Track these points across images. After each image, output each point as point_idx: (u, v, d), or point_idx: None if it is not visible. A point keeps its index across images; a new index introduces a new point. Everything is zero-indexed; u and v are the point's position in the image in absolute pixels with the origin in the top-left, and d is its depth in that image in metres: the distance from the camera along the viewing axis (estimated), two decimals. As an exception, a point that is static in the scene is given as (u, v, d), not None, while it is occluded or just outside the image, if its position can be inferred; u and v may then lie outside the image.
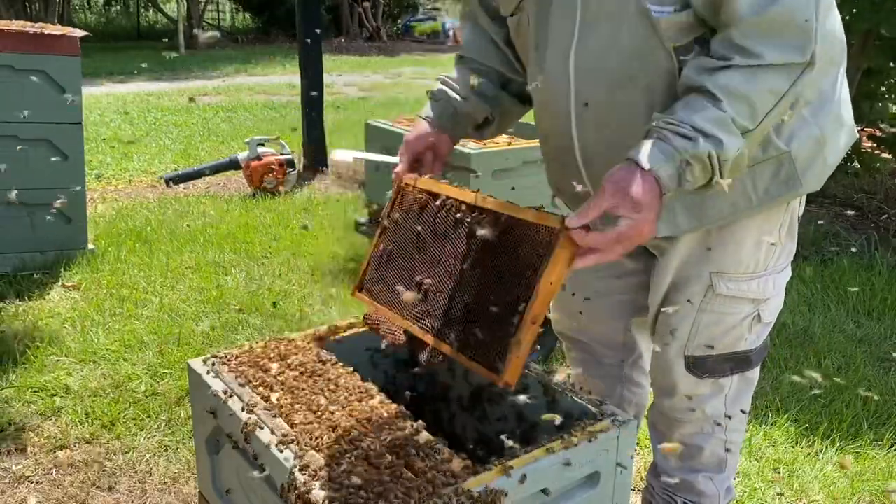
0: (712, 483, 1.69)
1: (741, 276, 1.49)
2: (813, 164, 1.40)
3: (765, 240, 1.48)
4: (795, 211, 1.51)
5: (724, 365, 1.56)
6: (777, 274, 1.53)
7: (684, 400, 1.62)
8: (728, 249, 1.48)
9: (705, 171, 1.18)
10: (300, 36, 5.59)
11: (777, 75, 1.18)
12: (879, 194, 5.05)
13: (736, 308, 1.51)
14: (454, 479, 1.19)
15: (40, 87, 3.32)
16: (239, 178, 5.28)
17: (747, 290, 1.50)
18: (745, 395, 1.64)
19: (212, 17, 20.55)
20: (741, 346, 1.56)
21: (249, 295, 3.26)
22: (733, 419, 1.64)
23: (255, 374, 1.51)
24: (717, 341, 1.54)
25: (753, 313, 1.53)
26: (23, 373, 2.56)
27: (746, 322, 1.53)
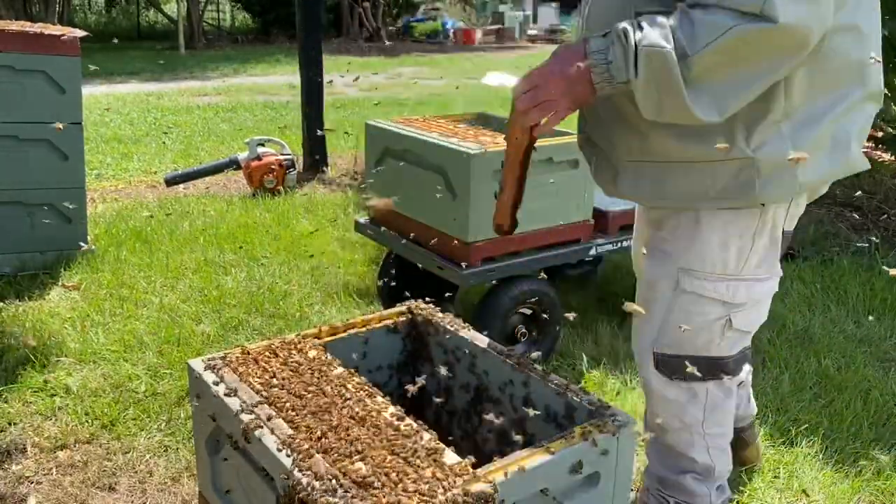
0: (703, 484, 1.71)
1: (708, 276, 1.52)
2: (778, 178, 1.41)
3: (732, 241, 1.50)
4: (776, 221, 1.52)
5: (692, 368, 1.56)
6: (752, 281, 1.53)
7: (661, 403, 1.65)
8: (693, 246, 1.51)
9: (625, 55, 1.27)
10: (300, 36, 5.59)
11: (726, 15, 1.23)
12: (879, 194, 5.04)
13: (704, 308, 1.53)
14: (454, 480, 1.19)
15: (40, 87, 3.32)
16: (239, 178, 5.28)
17: (714, 291, 1.52)
18: (724, 404, 1.64)
19: (212, 17, 20.54)
20: (712, 350, 1.56)
21: (249, 295, 3.26)
22: (713, 425, 1.64)
23: (256, 374, 1.51)
24: (686, 341, 1.56)
25: (724, 317, 1.53)
26: (23, 373, 2.56)
27: (717, 326, 1.54)
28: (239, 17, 21.81)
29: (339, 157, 6.03)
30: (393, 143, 2.75)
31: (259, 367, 1.53)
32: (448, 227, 2.54)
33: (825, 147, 1.42)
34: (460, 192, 2.46)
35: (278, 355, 1.58)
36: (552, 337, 2.77)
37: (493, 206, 1.70)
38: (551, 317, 2.73)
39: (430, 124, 2.85)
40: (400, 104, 9.12)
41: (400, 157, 2.73)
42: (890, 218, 4.65)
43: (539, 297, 2.67)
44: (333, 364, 1.54)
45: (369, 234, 2.99)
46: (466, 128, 2.85)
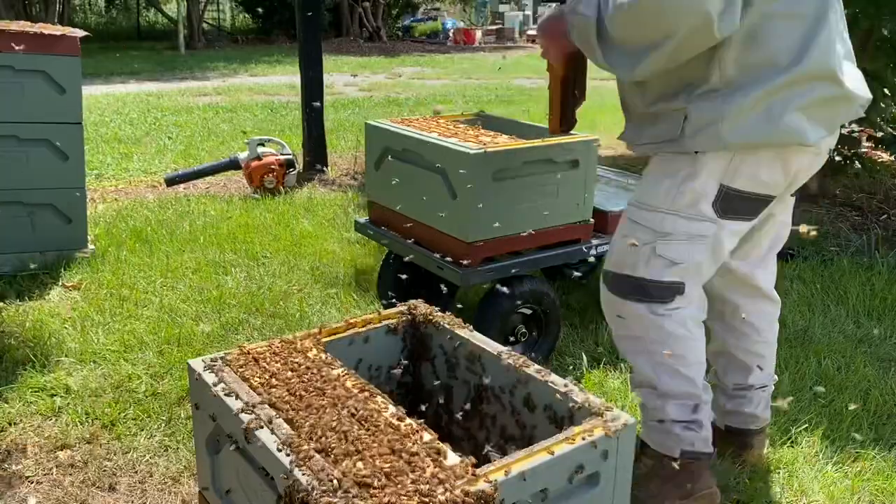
0: (654, 398, 1.90)
1: (644, 206, 1.85)
2: (705, 131, 1.72)
3: (665, 180, 1.81)
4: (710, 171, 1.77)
5: (624, 285, 1.86)
6: (679, 217, 1.80)
7: (608, 314, 1.95)
8: (642, 183, 1.91)
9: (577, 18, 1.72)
10: (300, 36, 5.59)
11: None
12: (879, 194, 5.05)
13: (636, 234, 1.84)
14: (454, 480, 1.19)
15: (40, 87, 3.32)
16: (239, 178, 5.28)
17: (644, 219, 1.84)
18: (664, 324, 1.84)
19: (212, 17, 20.54)
20: (638, 271, 1.84)
21: (249, 295, 3.26)
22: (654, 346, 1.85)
23: (256, 374, 1.51)
24: (618, 259, 1.88)
25: (651, 243, 1.82)
26: (23, 373, 2.57)
27: (645, 250, 1.82)
28: (239, 17, 21.82)
29: (339, 157, 6.03)
30: (393, 143, 2.75)
31: (259, 367, 1.53)
32: (448, 227, 2.54)
33: (755, 114, 1.69)
34: (460, 192, 2.46)
35: (278, 355, 1.58)
36: (552, 337, 2.77)
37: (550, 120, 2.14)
38: (551, 317, 2.73)
39: (429, 124, 2.85)
40: (400, 104, 9.12)
41: (400, 157, 2.73)
42: (890, 218, 4.65)
43: (539, 297, 2.67)
44: (333, 364, 1.54)
45: (369, 234, 2.99)
46: (466, 128, 2.85)
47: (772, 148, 1.75)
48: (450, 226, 2.54)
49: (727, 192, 1.78)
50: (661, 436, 1.91)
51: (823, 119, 1.74)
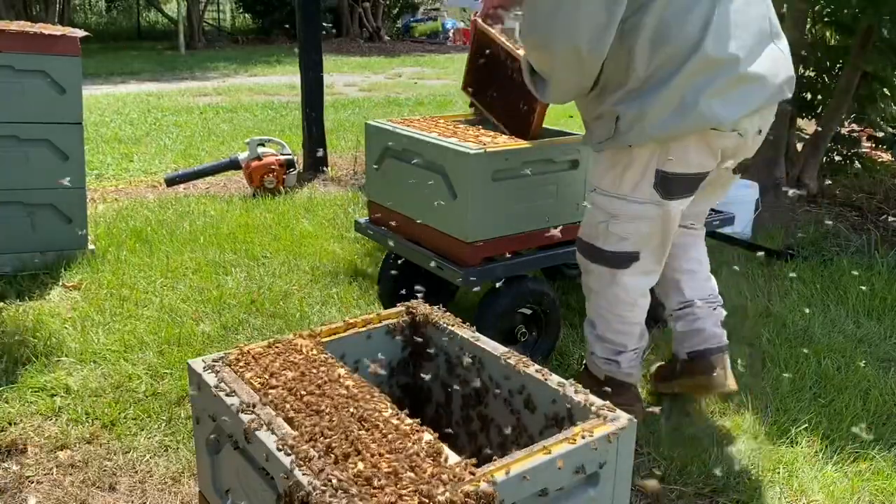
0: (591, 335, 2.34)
1: (598, 191, 2.18)
2: (634, 127, 2.00)
3: (609, 171, 2.13)
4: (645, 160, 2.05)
5: (585, 249, 2.27)
6: (624, 200, 2.12)
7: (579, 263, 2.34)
8: (594, 168, 2.26)
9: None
10: (300, 36, 5.59)
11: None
12: (879, 194, 5.05)
13: (594, 213, 2.20)
14: (454, 480, 1.19)
15: (40, 87, 3.32)
16: (239, 178, 5.28)
17: (598, 202, 2.18)
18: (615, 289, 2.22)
19: (212, 17, 20.53)
20: (598, 242, 2.21)
21: (249, 295, 3.26)
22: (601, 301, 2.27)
23: (256, 374, 1.51)
24: (586, 231, 2.26)
25: (605, 221, 2.16)
26: (23, 373, 2.57)
27: (601, 227, 2.18)
28: (239, 17, 21.81)
29: (339, 157, 6.03)
30: (393, 143, 2.75)
31: (259, 367, 1.53)
32: (448, 227, 2.54)
33: (672, 107, 1.93)
34: (460, 192, 2.46)
35: (278, 355, 1.58)
36: (552, 337, 2.77)
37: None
38: (551, 317, 2.73)
39: (429, 124, 2.85)
40: (400, 104, 9.12)
41: (400, 157, 2.73)
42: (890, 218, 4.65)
43: (539, 297, 2.67)
44: (333, 364, 1.54)
45: (369, 234, 2.99)
46: (466, 128, 2.85)
47: (695, 133, 1.98)
48: (450, 226, 2.54)
49: (664, 176, 2.05)
50: (590, 360, 2.38)
51: (736, 102, 1.94)
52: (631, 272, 2.19)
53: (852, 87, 4.77)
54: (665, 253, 2.24)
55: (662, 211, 2.10)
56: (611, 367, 2.31)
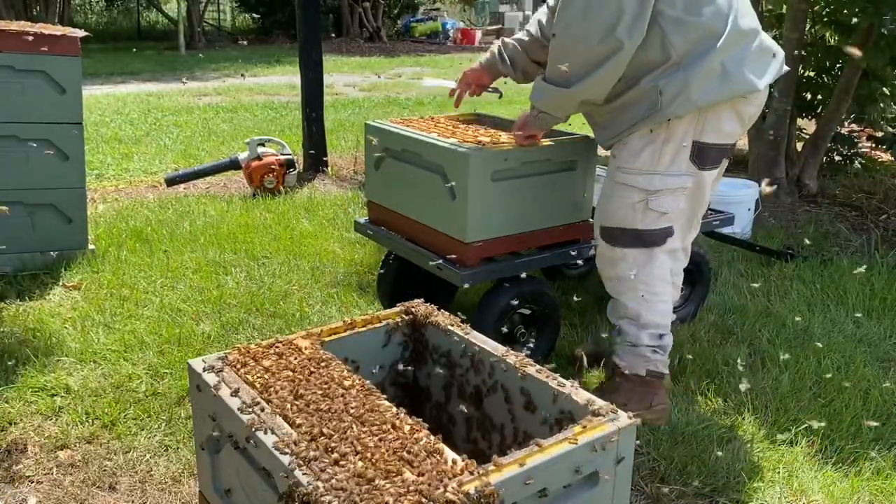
0: (633, 326, 2.36)
1: (631, 170, 2.22)
2: (677, 99, 2.11)
3: (647, 147, 2.19)
4: (682, 133, 2.16)
5: (623, 238, 2.28)
6: (665, 175, 2.20)
7: (601, 259, 2.38)
8: (625, 151, 2.24)
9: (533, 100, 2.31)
10: (300, 36, 5.59)
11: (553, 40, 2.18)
12: (879, 194, 5.05)
13: (628, 193, 2.23)
14: (454, 479, 1.19)
15: (40, 87, 3.32)
16: (239, 178, 5.28)
17: (635, 181, 2.22)
18: (652, 271, 2.29)
19: (212, 17, 20.53)
20: (636, 224, 2.25)
21: (249, 295, 3.26)
22: (643, 284, 2.29)
23: (256, 373, 1.51)
24: (617, 217, 2.28)
25: (643, 200, 2.22)
26: (23, 373, 2.57)
27: (639, 207, 2.23)
28: (239, 17, 21.81)
29: (339, 157, 6.03)
30: (392, 143, 2.75)
31: (259, 367, 1.53)
32: (447, 227, 2.54)
33: (715, 75, 2.10)
34: (459, 192, 2.46)
35: (278, 355, 1.58)
36: (552, 337, 2.77)
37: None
38: (551, 317, 2.73)
39: (429, 124, 2.85)
40: (400, 104, 9.12)
41: (399, 157, 2.73)
42: (889, 218, 4.65)
43: (538, 297, 2.67)
44: (333, 364, 1.54)
45: (369, 234, 2.99)
46: (465, 128, 2.85)
47: (728, 102, 2.15)
48: (449, 226, 2.54)
49: (700, 147, 2.19)
50: (633, 358, 2.37)
51: (762, 70, 2.16)
52: (665, 248, 2.29)
53: (852, 87, 4.77)
54: (690, 231, 2.40)
55: (698, 181, 2.24)
56: (656, 355, 2.36)
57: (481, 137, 2.63)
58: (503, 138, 2.65)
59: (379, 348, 1.80)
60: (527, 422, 1.60)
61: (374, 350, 1.78)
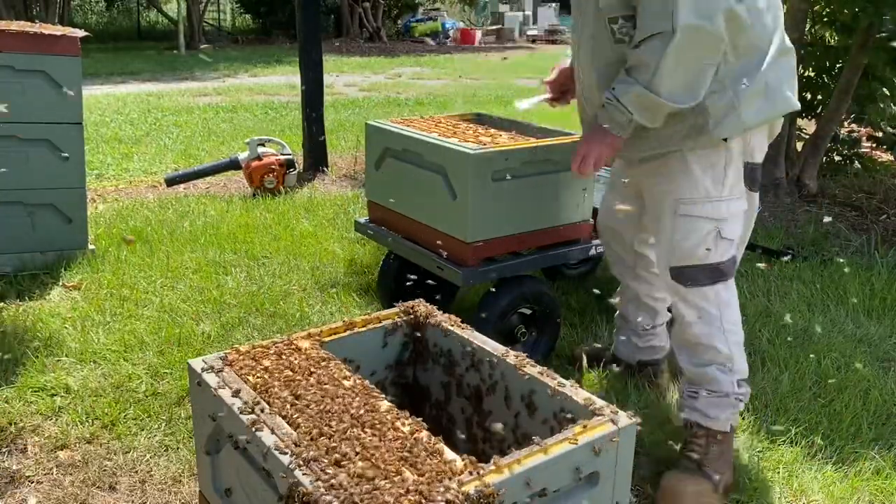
0: (722, 373, 2.10)
1: (696, 200, 2.02)
2: (725, 119, 1.95)
3: (708, 172, 2.01)
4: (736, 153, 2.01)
5: (701, 275, 2.05)
6: (729, 201, 2.03)
7: (682, 306, 2.11)
8: (683, 180, 2.03)
9: (617, 110, 1.94)
10: (300, 36, 5.59)
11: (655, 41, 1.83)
12: (879, 194, 5.05)
13: (697, 225, 2.02)
14: (454, 479, 1.19)
15: (40, 87, 3.32)
16: (239, 178, 5.28)
17: (702, 211, 2.01)
18: (730, 300, 2.10)
19: (212, 17, 20.53)
20: (712, 258, 2.03)
21: (249, 295, 3.26)
22: (729, 322, 2.09)
23: (256, 374, 1.51)
24: (690, 254, 2.04)
25: (714, 230, 2.02)
26: (23, 373, 2.57)
27: (711, 237, 2.02)
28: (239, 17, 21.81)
29: (339, 156, 6.03)
30: (393, 143, 2.75)
31: (259, 367, 1.53)
32: (448, 227, 2.55)
33: (760, 94, 1.96)
34: (460, 192, 2.47)
35: (278, 355, 1.58)
36: (552, 337, 2.77)
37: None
38: (551, 317, 2.73)
39: (429, 124, 2.85)
40: (400, 104, 9.12)
41: (400, 157, 2.73)
42: (889, 218, 4.65)
43: (539, 297, 2.67)
44: (333, 364, 1.54)
45: (369, 234, 2.99)
46: (466, 127, 2.85)
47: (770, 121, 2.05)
48: (450, 226, 2.54)
49: (751, 168, 2.07)
50: (720, 411, 2.10)
51: (793, 86, 2.06)
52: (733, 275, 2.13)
53: (852, 87, 4.77)
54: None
55: (750, 202, 2.12)
56: (740, 405, 2.14)
57: (482, 137, 2.64)
58: (503, 138, 2.66)
59: (379, 348, 1.80)
60: (527, 422, 1.60)
61: (374, 350, 1.78)
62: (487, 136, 2.67)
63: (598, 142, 2.02)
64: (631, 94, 1.88)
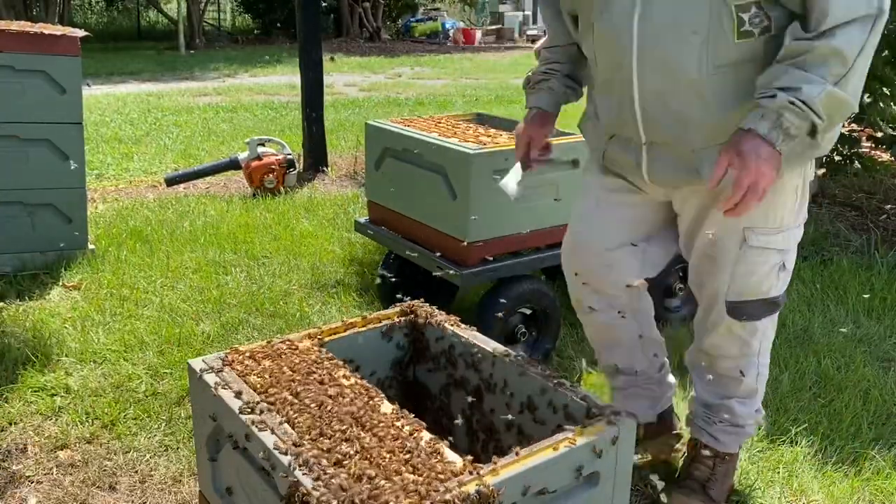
0: (744, 406, 1.97)
1: (769, 230, 1.74)
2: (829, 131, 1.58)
3: (789, 197, 1.73)
4: (807, 175, 1.75)
5: (759, 310, 1.81)
6: (797, 229, 1.78)
7: (726, 338, 1.88)
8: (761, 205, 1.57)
9: (799, 116, 1.44)
10: (300, 36, 5.59)
11: (853, 28, 1.44)
12: (879, 194, 5.05)
13: (767, 258, 1.75)
14: (454, 479, 1.19)
15: (40, 87, 3.32)
16: (239, 178, 5.28)
17: (773, 242, 1.74)
18: (771, 332, 1.92)
19: (212, 17, 20.53)
20: (772, 292, 1.80)
21: (250, 295, 3.26)
22: (765, 357, 1.94)
23: (255, 373, 1.51)
24: (753, 289, 1.78)
25: (780, 262, 1.77)
26: (23, 373, 2.57)
27: (775, 271, 1.77)
28: (239, 17, 21.82)
29: (339, 156, 6.03)
30: (393, 143, 2.75)
31: (259, 367, 1.53)
32: (447, 227, 2.55)
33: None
34: (460, 192, 2.47)
35: (278, 355, 1.58)
36: (552, 337, 2.77)
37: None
38: (551, 317, 2.73)
39: (429, 124, 2.85)
40: (400, 104, 9.12)
41: (400, 156, 2.73)
42: (889, 218, 4.65)
43: (539, 297, 2.67)
44: (333, 364, 1.54)
45: (369, 234, 2.99)
46: (466, 127, 2.85)
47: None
48: (449, 226, 2.54)
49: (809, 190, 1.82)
50: (733, 437, 1.99)
51: None
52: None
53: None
54: None
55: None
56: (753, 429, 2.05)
57: (482, 137, 2.64)
58: (503, 138, 2.66)
59: (379, 348, 1.80)
60: (526, 421, 1.60)
61: (374, 350, 1.78)
62: (487, 136, 2.67)
63: (762, 160, 1.47)
64: (823, 95, 1.44)
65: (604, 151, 1.87)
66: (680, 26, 1.55)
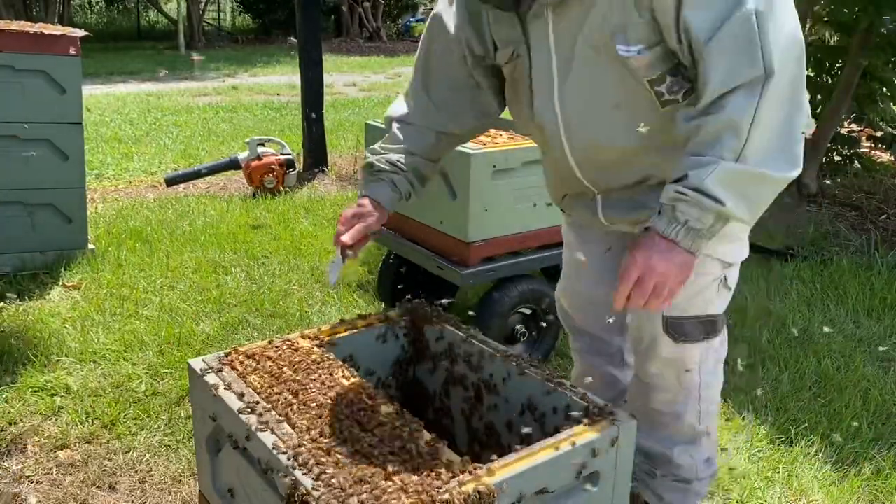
0: (688, 455, 1.76)
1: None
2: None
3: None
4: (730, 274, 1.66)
5: (697, 329, 1.65)
6: (741, 244, 1.65)
7: (664, 366, 1.70)
8: None
9: (693, 205, 1.33)
10: (300, 36, 5.59)
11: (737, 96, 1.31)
12: (879, 194, 5.05)
13: (707, 269, 1.59)
14: (454, 479, 1.19)
15: (40, 87, 3.32)
16: (239, 178, 5.28)
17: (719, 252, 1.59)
18: (716, 368, 1.74)
19: (212, 17, 20.53)
20: (711, 309, 1.66)
21: (249, 295, 3.26)
22: (706, 390, 1.72)
23: (255, 373, 1.51)
24: (691, 303, 1.62)
25: (721, 277, 1.64)
26: (23, 373, 2.57)
27: (715, 285, 1.63)
28: (239, 17, 21.82)
29: (339, 156, 6.03)
30: (393, 143, 2.75)
31: (259, 367, 1.53)
32: (448, 227, 2.55)
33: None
34: (460, 192, 2.47)
35: (278, 355, 1.58)
36: (552, 337, 2.77)
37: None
38: (551, 317, 2.73)
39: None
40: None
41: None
42: (889, 218, 4.65)
43: (539, 297, 2.67)
44: (333, 364, 1.54)
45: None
46: (466, 128, 2.84)
47: None
48: (450, 226, 2.54)
49: None
50: (679, 497, 1.81)
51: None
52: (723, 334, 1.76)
53: (852, 87, 4.77)
54: None
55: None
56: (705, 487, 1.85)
57: (482, 137, 2.63)
58: (503, 138, 2.66)
59: (379, 348, 1.80)
60: (526, 422, 1.60)
61: (374, 350, 1.78)
62: (487, 136, 2.67)
63: (666, 261, 1.37)
64: (715, 176, 1.31)
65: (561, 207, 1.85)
66: (600, 104, 1.50)
